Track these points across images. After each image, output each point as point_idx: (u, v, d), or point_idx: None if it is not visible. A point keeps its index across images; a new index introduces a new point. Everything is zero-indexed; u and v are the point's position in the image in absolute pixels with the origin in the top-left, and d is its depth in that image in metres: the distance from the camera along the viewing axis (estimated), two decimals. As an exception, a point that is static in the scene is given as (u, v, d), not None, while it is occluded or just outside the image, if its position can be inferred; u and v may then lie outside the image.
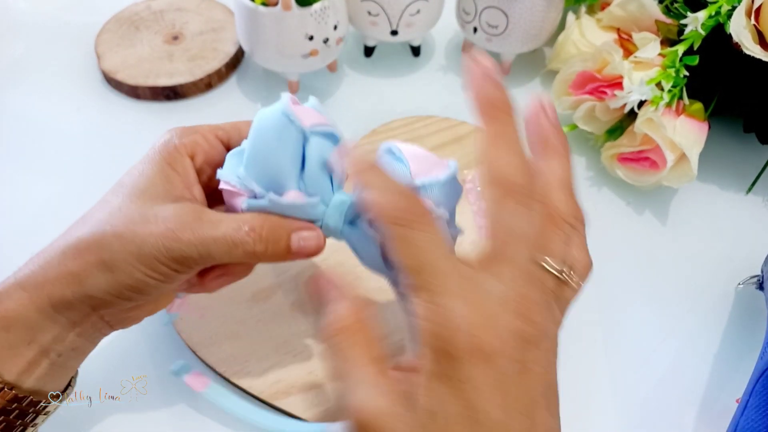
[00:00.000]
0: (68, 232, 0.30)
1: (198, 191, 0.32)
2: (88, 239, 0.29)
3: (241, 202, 0.30)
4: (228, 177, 0.31)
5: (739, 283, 0.44)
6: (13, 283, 0.29)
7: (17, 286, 0.29)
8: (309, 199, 0.30)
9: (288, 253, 0.31)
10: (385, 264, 0.30)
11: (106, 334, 0.32)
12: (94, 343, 0.32)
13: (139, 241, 0.29)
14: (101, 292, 0.29)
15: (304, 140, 0.30)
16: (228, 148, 0.33)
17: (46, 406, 0.31)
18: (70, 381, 0.33)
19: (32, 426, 0.31)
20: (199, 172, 0.33)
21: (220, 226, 0.30)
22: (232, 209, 0.32)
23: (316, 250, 0.31)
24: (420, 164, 0.30)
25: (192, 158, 0.32)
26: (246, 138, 0.32)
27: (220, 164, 0.32)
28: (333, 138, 0.31)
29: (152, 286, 0.30)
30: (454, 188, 0.31)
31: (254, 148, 0.30)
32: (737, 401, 0.36)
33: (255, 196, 0.30)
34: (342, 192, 0.31)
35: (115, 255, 0.29)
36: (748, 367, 0.38)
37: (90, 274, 0.29)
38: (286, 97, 0.30)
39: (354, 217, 0.31)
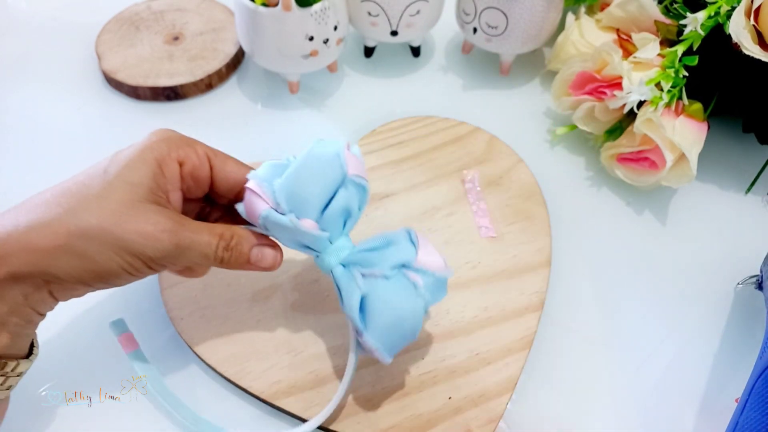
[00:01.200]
0: (38, 207, 0.30)
1: (176, 197, 0.34)
2: (64, 223, 0.30)
3: (262, 209, 0.33)
4: (261, 183, 0.33)
5: (738, 283, 0.44)
6: None
7: None
8: (322, 233, 0.33)
9: (247, 264, 0.34)
10: (361, 313, 0.33)
11: (51, 308, 0.32)
12: (43, 315, 0.32)
13: (120, 233, 0.30)
14: (63, 273, 0.30)
15: (341, 184, 0.33)
16: (212, 172, 0.35)
17: (15, 367, 0.32)
18: (32, 347, 0.34)
19: (6, 389, 0.32)
20: (181, 180, 0.34)
21: (201, 233, 0.32)
22: (249, 209, 0.34)
23: (272, 266, 0.35)
24: (427, 255, 0.34)
25: (181, 165, 0.33)
26: (235, 173, 0.35)
27: (204, 179, 0.35)
28: (362, 190, 0.35)
29: (120, 277, 0.31)
30: (441, 288, 0.34)
31: (300, 171, 0.33)
32: (736, 401, 0.37)
33: (276, 210, 0.33)
34: (347, 239, 0.34)
35: (92, 243, 0.30)
36: (748, 367, 0.38)
37: (58, 256, 0.30)
38: (343, 142, 0.34)
39: (348, 263, 0.34)
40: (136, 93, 0.55)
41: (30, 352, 0.33)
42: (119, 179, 0.31)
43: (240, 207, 0.34)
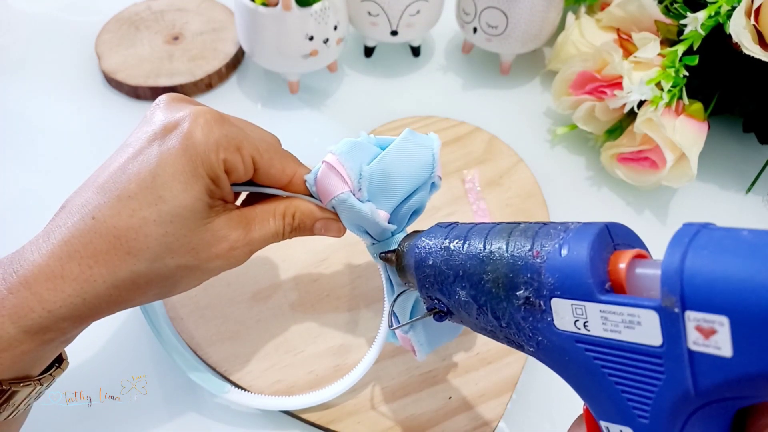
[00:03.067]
0: (110, 261, 0.28)
1: (230, 196, 0.32)
2: (149, 275, 0.29)
3: (341, 191, 0.31)
4: (345, 163, 0.31)
5: None
6: (56, 317, 0.28)
7: (60, 319, 0.28)
8: (390, 225, 0.33)
9: (312, 234, 0.34)
10: (411, 314, 0.33)
11: None
12: None
13: (205, 266, 0.30)
14: (145, 303, 0.31)
15: (425, 183, 0.33)
16: (256, 173, 0.32)
17: (51, 382, 0.31)
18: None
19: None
20: None
21: (267, 223, 0.32)
22: (323, 184, 0.32)
23: (338, 235, 0.34)
24: None
25: (227, 173, 0.30)
26: (278, 176, 0.32)
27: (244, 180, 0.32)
28: (435, 188, 0.35)
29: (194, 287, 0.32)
30: None
31: (391, 163, 0.32)
32: None
33: (353, 193, 0.32)
34: (405, 233, 0.34)
35: (179, 282, 0.30)
36: None
37: (147, 300, 0.30)
38: (438, 141, 0.34)
39: None
40: (136, 93, 0.55)
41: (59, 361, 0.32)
42: (180, 207, 0.28)
43: (309, 177, 0.32)
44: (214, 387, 0.37)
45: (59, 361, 0.31)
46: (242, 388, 0.38)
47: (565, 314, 0.22)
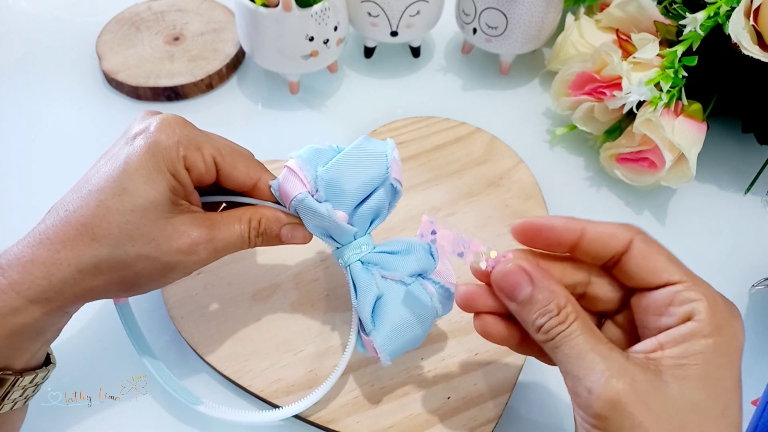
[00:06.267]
0: (76, 246, 0.30)
1: (195, 198, 0.34)
2: (110, 261, 0.30)
3: (299, 192, 0.33)
4: (302, 165, 0.33)
5: (753, 285, 0.44)
6: (24, 298, 0.30)
7: (27, 302, 0.30)
8: (351, 227, 0.34)
9: (280, 242, 0.35)
10: (372, 313, 0.34)
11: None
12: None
13: (165, 259, 0.31)
14: (107, 296, 0.32)
15: (381, 184, 0.34)
16: (219, 175, 0.34)
17: (34, 378, 0.32)
18: (47, 356, 0.34)
19: (26, 399, 0.33)
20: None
21: (232, 226, 0.33)
22: (284, 187, 0.34)
23: (305, 242, 0.35)
24: (444, 269, 0.35)
25: (188, 171, 0.33)
26: (243, 177, 0.34)
27: (209, 183, 0.34)
28: (397, 194, 0.35)
29: (156, 287, 0.33)
30: (450, 302, 0.35)
31: (345, 163, 0.33)
32: (753, 403, 0.36)
33: (312, 195, 0.33)
34: (370, 237, 0.35)
35: (140, 273, 0.31)
36: (764, 369, 0.38)
37: (110, 290, 0.32)
38: (393, 144, 0.35)
39: (366, 261, 0.34)
40: (136, 93, 0.55)
41: (47, 361, 0.34)
42: (144, 200, 0.31)
43: (274, 183, 0.34)
44: (187, 397, 0.37)
45: (46, 363, 0.33)
46: (242, 388, 0.38)
47: None
